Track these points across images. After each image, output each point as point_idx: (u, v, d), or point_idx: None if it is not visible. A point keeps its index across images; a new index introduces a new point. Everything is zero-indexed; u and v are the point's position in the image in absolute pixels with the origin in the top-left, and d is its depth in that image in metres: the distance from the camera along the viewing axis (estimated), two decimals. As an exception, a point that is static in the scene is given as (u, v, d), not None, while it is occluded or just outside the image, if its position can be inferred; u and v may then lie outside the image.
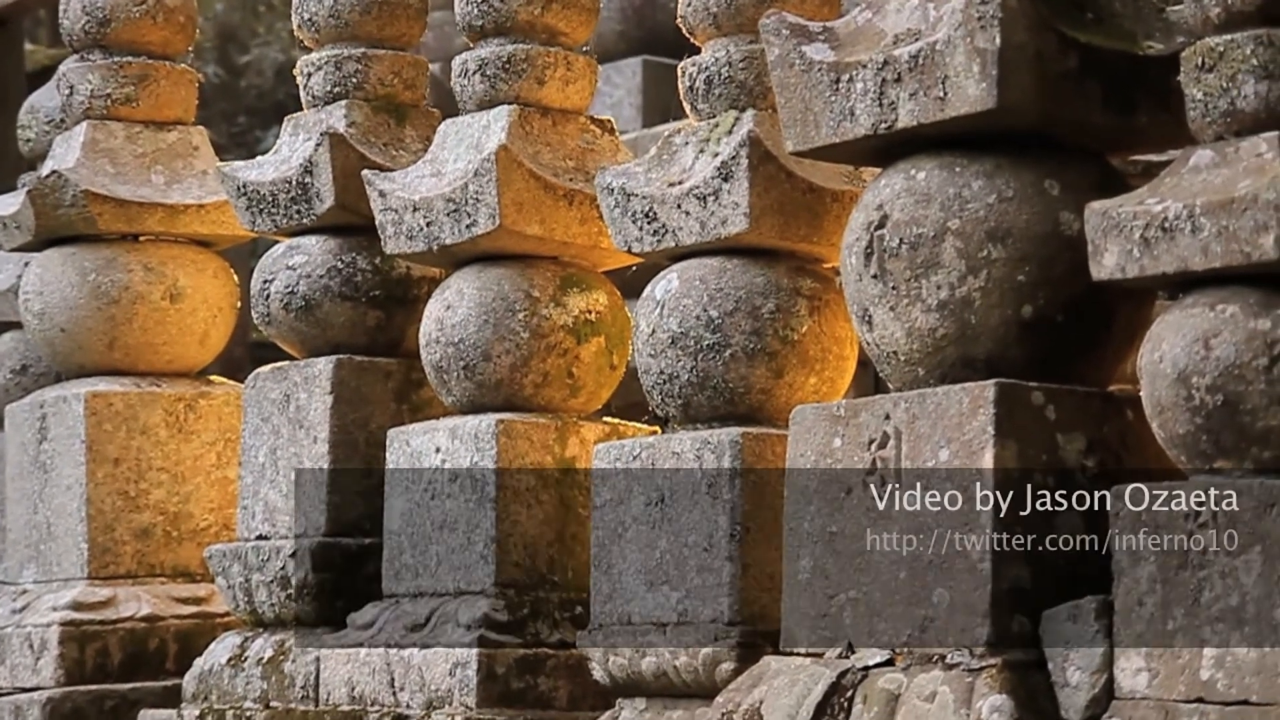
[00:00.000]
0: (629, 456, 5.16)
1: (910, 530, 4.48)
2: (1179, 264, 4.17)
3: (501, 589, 5.43)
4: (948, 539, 4.41)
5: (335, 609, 5.80)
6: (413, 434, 5.69)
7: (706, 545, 4.97)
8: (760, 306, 5.09)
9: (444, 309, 5.65)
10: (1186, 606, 4.10)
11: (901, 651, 4.46)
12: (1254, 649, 4.00)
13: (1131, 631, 4.17)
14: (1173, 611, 4.12)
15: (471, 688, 5.31)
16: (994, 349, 4.54)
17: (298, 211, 6.05)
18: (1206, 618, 4.07)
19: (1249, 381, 4.09)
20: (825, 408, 4.74)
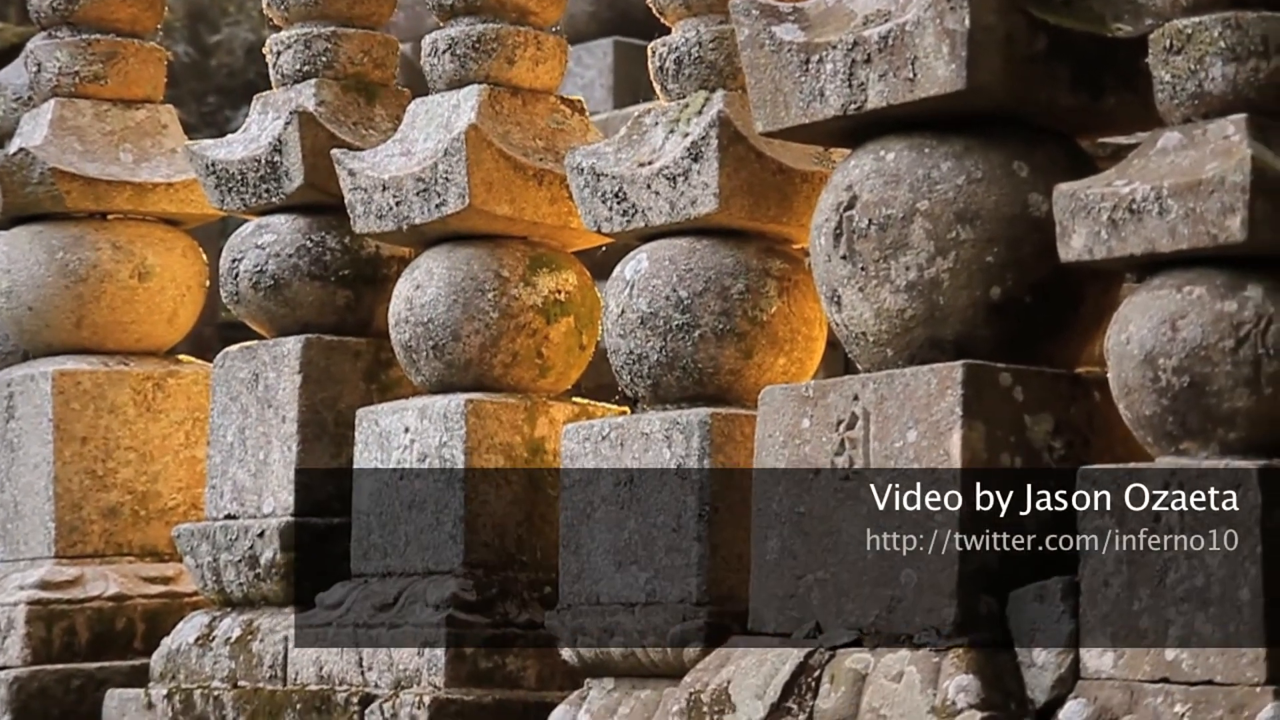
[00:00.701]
0: (598, 436, 5.16)
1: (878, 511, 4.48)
2: (1146, 246, 4.18)
3: (470, 569, 5.43)
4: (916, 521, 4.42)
5: (304, 589, 5.80)
6: (382, 414, 5.69)
7: (675, 526, 4.97)
8: (729, 287, 5.09)
9: (413, 288, 5.64)
10: (1152, 587, 4.12)
11: (869, 632, 4.47)
12: (1219, 629, 4.02)
13: (1097, 612, 4.19)
14: (1138, 592, 4.14)
15: (440, 667, 5.31)
16: (962, 330, 4.55)
17: (267, 190, 6.04)
18: (1172, 599, 4.09)
19: (1215, 363, 4.11)
20: (794, 388, 4.74)
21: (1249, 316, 4.10)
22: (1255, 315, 4.10)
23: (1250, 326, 4.09)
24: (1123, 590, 4.15)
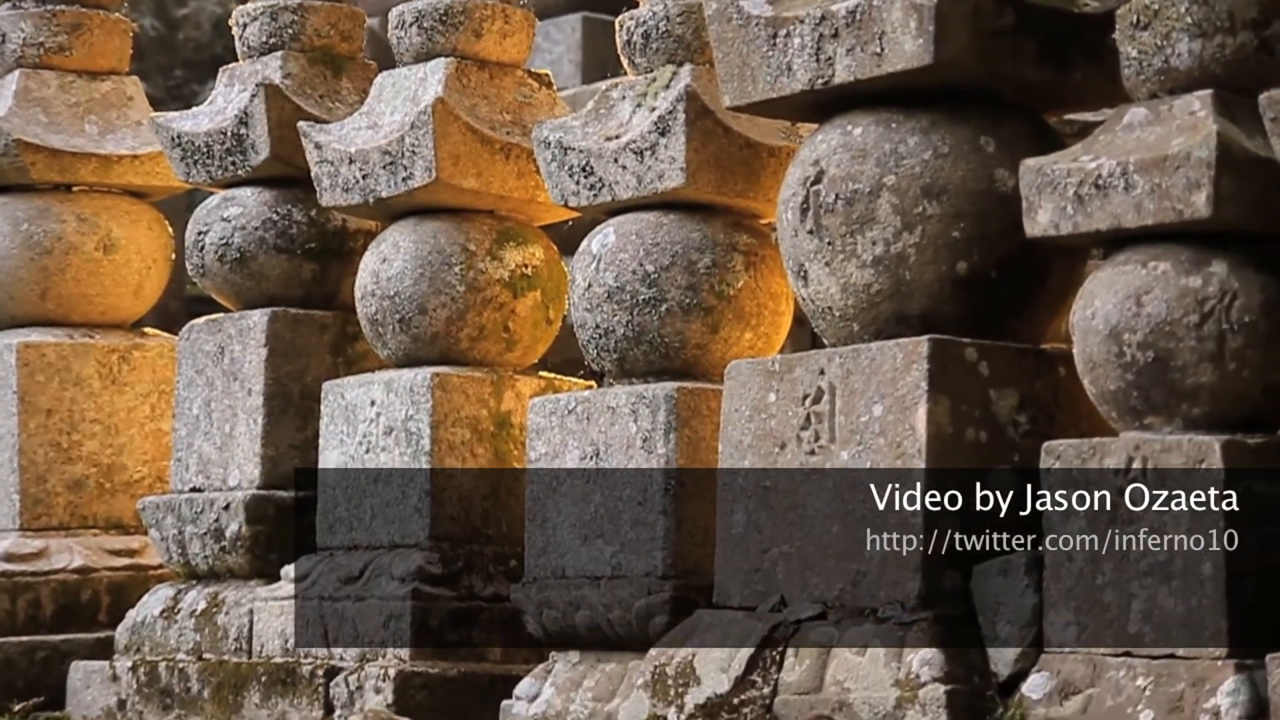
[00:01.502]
0: (564, 410, 5.16)
1: (844, 485, 4.50)
2: (1112, 221, 4.19)
3: (436, 542, 5.43)
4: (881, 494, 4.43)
5: (269, 561, 5.79)
6: (348, 387, 5.68)
7: (641, 499, 4.97)
8: (696, 262, 5.09)
9: (380, 262, 5.63)
10: (1115, 562, 4.14)
11: (833, 606, 4.48)
12: (1181, 603, 4.03)
13: (1061, 586, 4.20)
14: (1102, 566, 4.15)
15: (405, 640, 5.31)
16: (928, 305, 4.56)
17: (233, 163, 6.02)
18: (1135, 572, 4.10)
19: (1180, 338, 4.12)
20: (760, 363, 4.75)
21: (1213, 292, 4.11)
22: (1220, 291, 4.11)
23: (1215, 302, 4.11)
24: (1086, 564, 4.17)
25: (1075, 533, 4.19)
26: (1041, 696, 4.17)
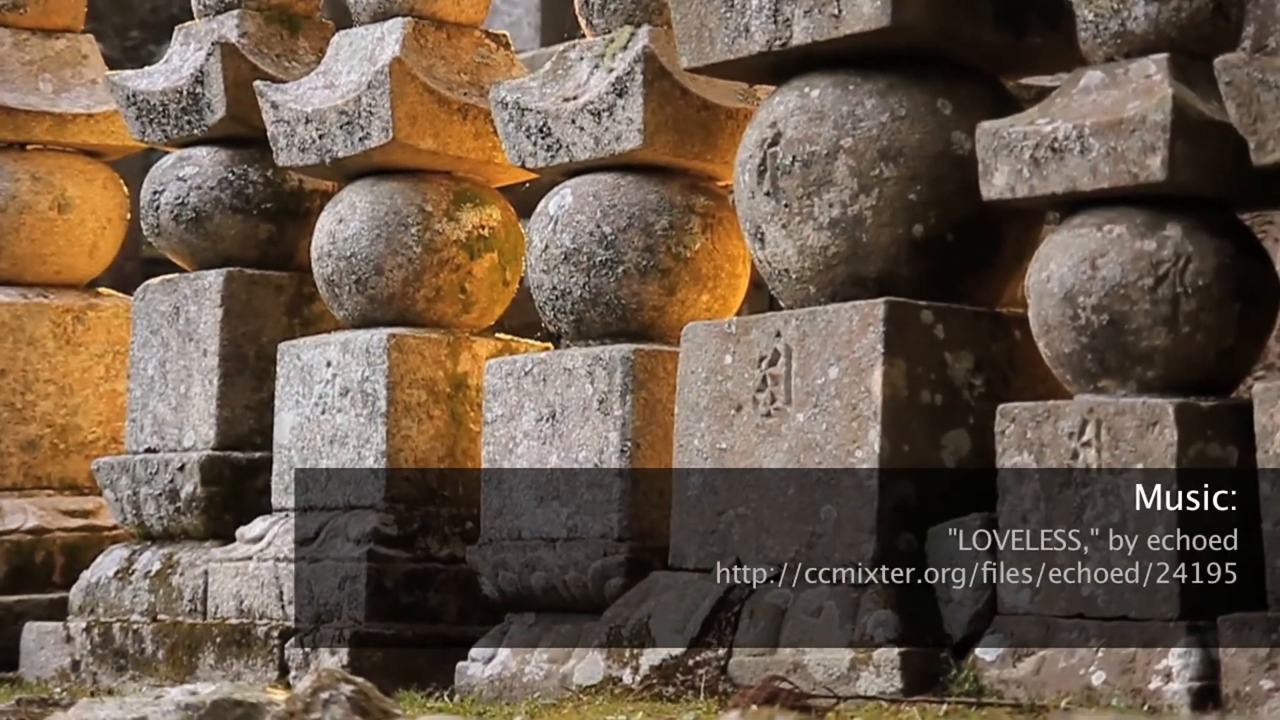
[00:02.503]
0: (521, 372, 5.15)
1: (799, 447, 4.50)
2: (1068, 184, 4.20)
3: (391, 504, 5.42)
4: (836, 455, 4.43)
5: (224, 523, 5.78)
6: (304, 348, 5.66)
7: (597, 461, 4.97)
8: (653, 223, 5.09)
9: (336, 222, 5.61)
10: (1069, 524, 4.15)
11: (789, 567, 4.49)
12: (1134, 565, 4.05)
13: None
14: (1056, 529, 4.17)
15: (360, 601, 5.31)
16: (885, 268, 4.56)
17: (188, 122, 5.98)
18: (1088, 535, 4.12)
19: (1134, 301, 4.13)
20: (716, 325, 4.75)
21: (1168, 256, 4.12)
22: (1174, 254, 4.12)
23: (1169, 265, 4.12)
24: (1040, 526, 4.18)
25: (1029, 495, 4.20)
26: (995, 658, 4.19)
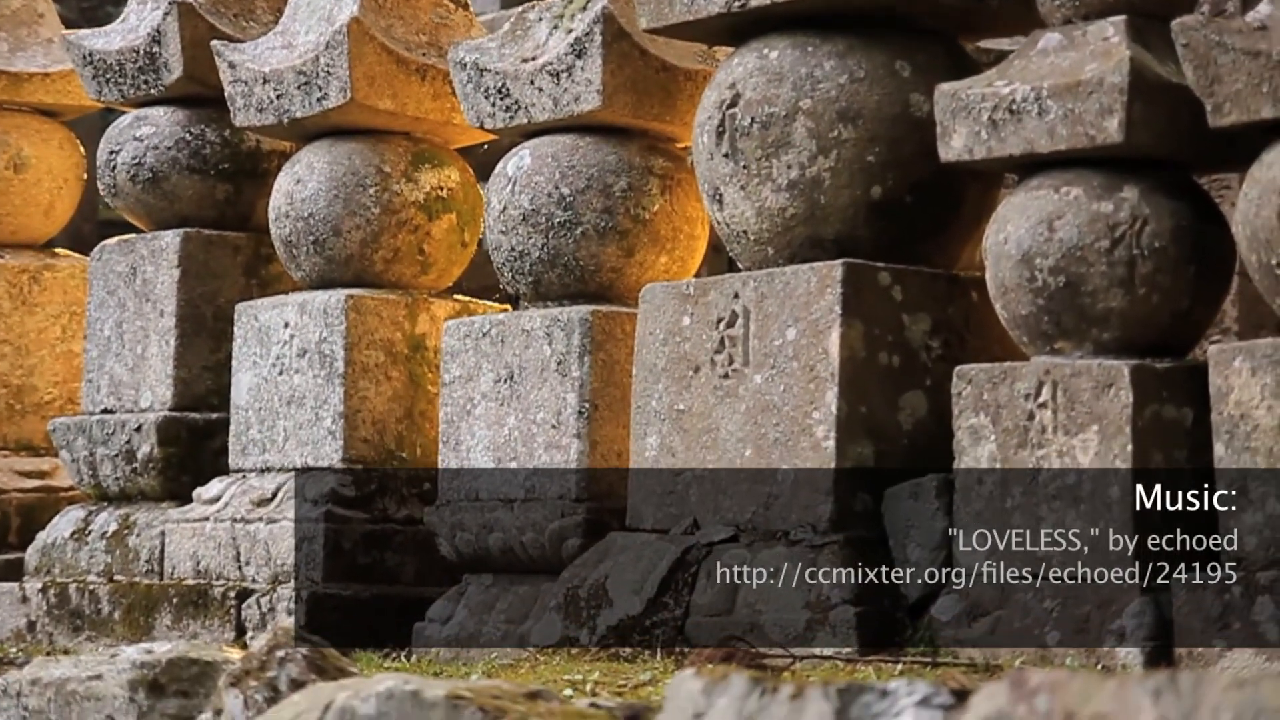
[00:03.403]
0: (479, 333, 5.15)
1: (757, 409, 4.51)
2: (1025, 146, 4.20)
3: (349, 465, 5.41)
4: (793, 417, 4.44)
5: (181, 483, 5.76)
6: (261, 308, 5.64)
7: (555, 423, 4.97)
8: (612, 185, 5.08)
9: (294, 183, 5.59)
10: (1025, 485, 4.16)
11: (746, 528, 4.50)
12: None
13: (971, 510, 4.23)
14: (1011, 490, 4.18)
15: (318, 562, 5.30)
16: (843, 229, 4.56)
17: (145, 82, 5.95)
18: (1044, 496, 4.13)
19: (1091, 263, 4.14)
20: (675, 286, 4.75)
21: (1124, 218, 4.13)
22: (1130, 216, 4.13)
23: (1125, 227, 4.13)
24: (996, 488, 4.20)
25: (985, 456, 4.22)
26: (950, 618, 4.20)
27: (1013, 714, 2.42)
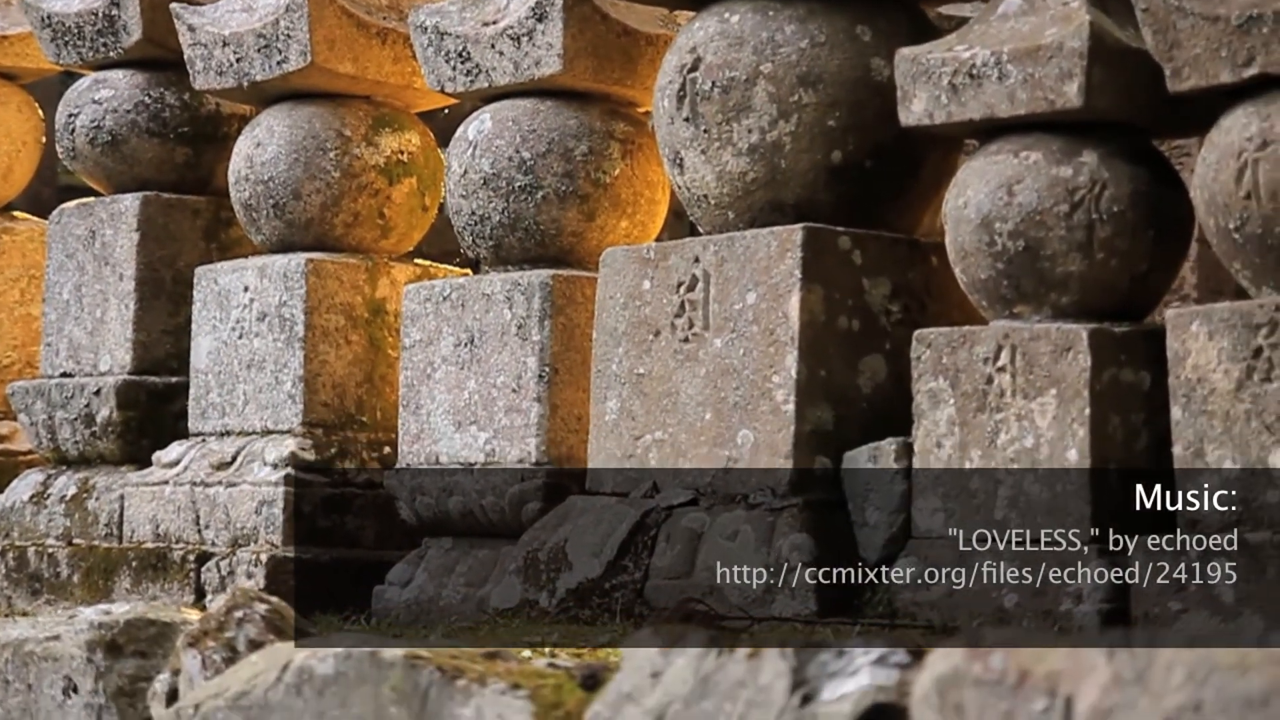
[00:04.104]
0: (439, 297, 5.14)
1: (717, 372, 4.51)
2: (985, 110, 4.21)
3: (309, 428, 5.41)
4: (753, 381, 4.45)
5: (140, 447, 5.75)
6: (221, 272, 5.63)
7: (515, 386, 4.97)
8: (573, 149, 5.07)
9: (254, 146, 5.58)
10: (983, 448, 4.18)
11: (705, 492, 4.51)
12: (1047, 490, 4.08)
13: (929, 473, 4.24)
14: (970, 453, 4.20)
15: (277, 526, 5.30)
16: (803, 194, 4.57)
17: (104, 44, 5.92)
18: (1002, 459, 4.15)
19: (1050, 228, 4.16)
20: (635, 250, 4.75)
21: (1083, 182, 4.15)
22: (1090, 181, 4.14)
23: (1084, 192, 4.14)
24: (955, 452, 4.21)
25: (944, 420, 4.23)
26: (909, 581, 4.22)
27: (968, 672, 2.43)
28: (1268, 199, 3.82)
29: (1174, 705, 2.24)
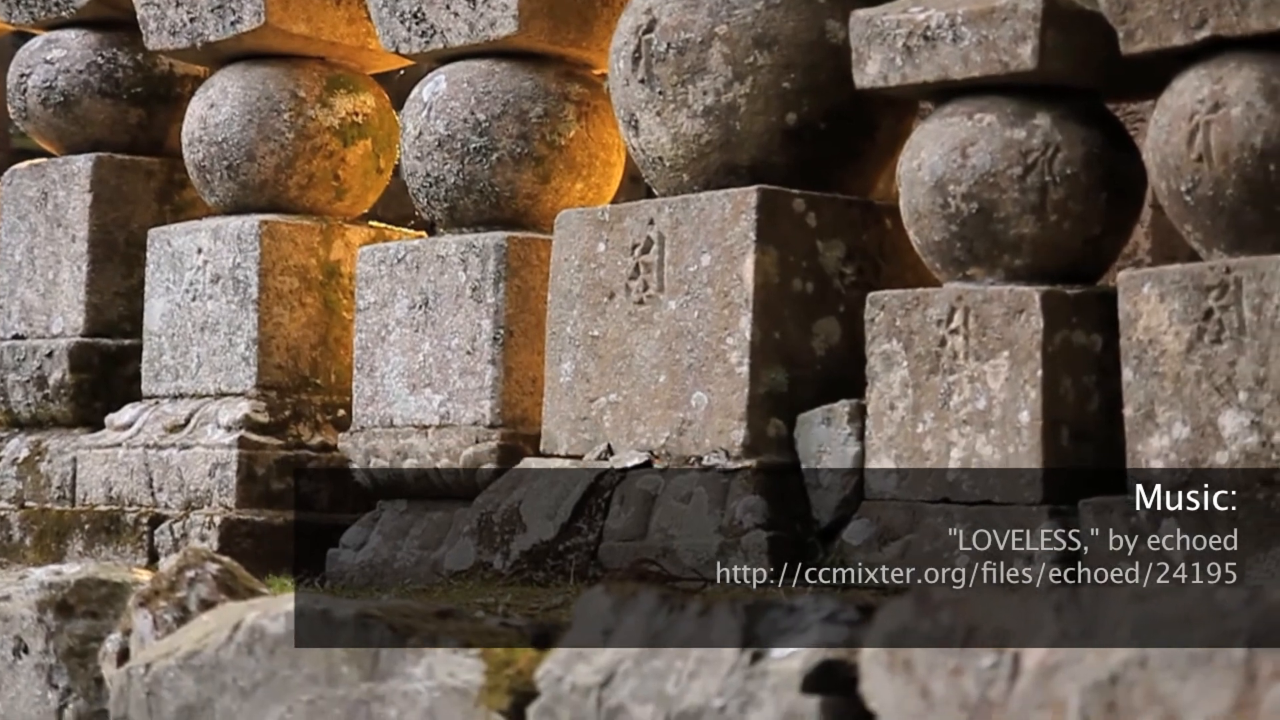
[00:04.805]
0: (394, 259, 5.13)
1: (671, 335, 4.51)
2: (940, 73, 4.21)
3: (263, 391, 5.39)
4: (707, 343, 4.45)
5: (94, 410, 5.73)
6: (175, 234, 5.60)
7: (469, 349, 4.97)
8: (528, 111, 5.06)
9: (207, 108, 5.55)
10: (936, 410, 4.19)
11: (659, 454, 4.51)
12: (999, 451, 4.10)
13: (883, 435, 4.25)
14: (923, 415, 4.21)
15: (231, 488, 5.28)
16: (758, 156, 4.56)
17: (56, 4, 5.88)
18: (955, 421, 4.16)
19: (1003, 190, 4.16)
20: (590, 212, 4.74)
21: (1037, 144, 4.15)
22: (1043, 143, 4.15)
23: (1038, 154, 4.15)
24: (908, 413, 4.22)
25: (897, 382, 4.24)
26: (861, 542, 4.23)
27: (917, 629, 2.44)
28: (1219, 161, 3.83)
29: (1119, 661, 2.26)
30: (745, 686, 2.58)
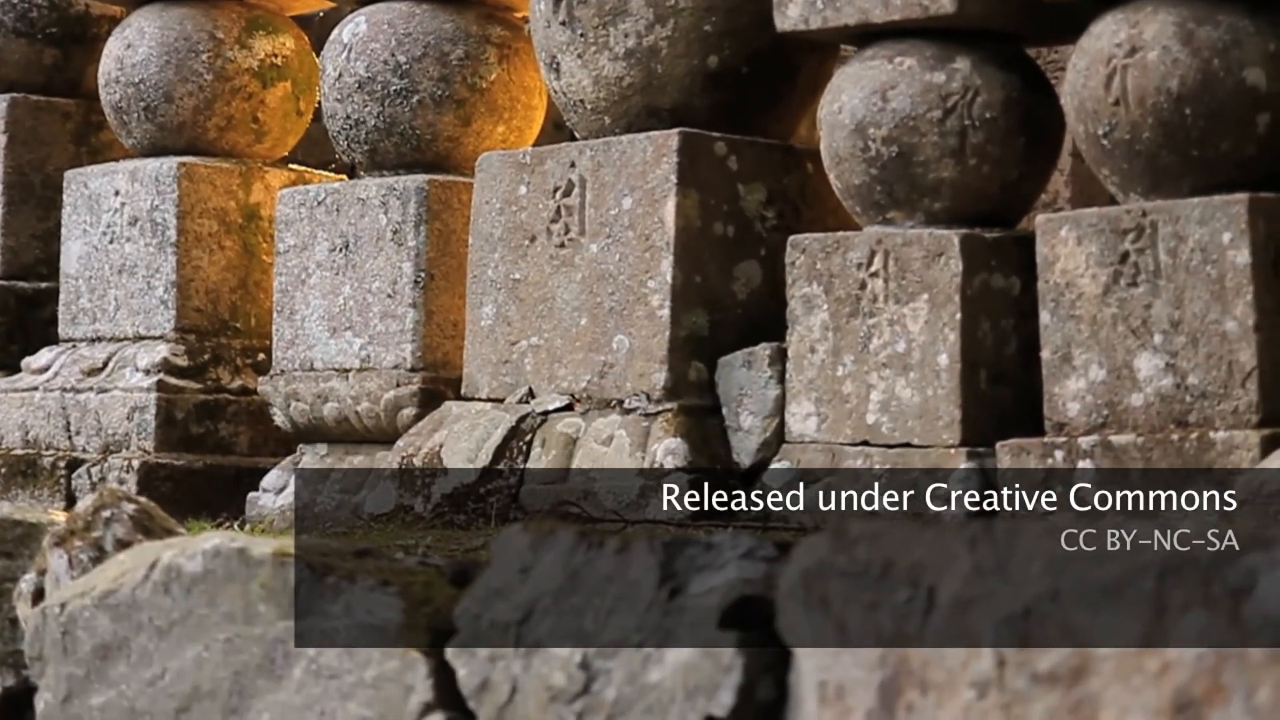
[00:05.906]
0: (314, 202, 5.10)
1: (593, 278, 4.51)
2: (860, 16, 4.22)
3: (182, 334, 5.36)
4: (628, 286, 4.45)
5: (10, 353, 5.68)
6: (91, 176, 5.55)
7: (390, 292, 4.95)
8: (449, 53, 5.04)
9: (124, 48, 5.49)
10: (856, 353, 4.21)
11: (580, 397, 4.51)
12: (918, 393, 4.12)
13: (803, 378, 4.27)
14: (843, 358, 4.22)
15: (149, 432, 5.25)
16: (679, 99, 4.56)
17: (-30, -57, 5.82)
18: (874, 364, 4.18)
19: (923, 134, 4.17)
20: (511, 155, 4.73)
21: (956, 88, 4.16)
22: (963, 87, 4.16)
23: (957, 98, 4.16)
24: (828, 356, 4.24)
25: (818, 325, 4.25)
26: (782, 485, 4.24)
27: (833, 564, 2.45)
28: (1136, 105, 3.85)
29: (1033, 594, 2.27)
30: (663, 622, 2.59)
